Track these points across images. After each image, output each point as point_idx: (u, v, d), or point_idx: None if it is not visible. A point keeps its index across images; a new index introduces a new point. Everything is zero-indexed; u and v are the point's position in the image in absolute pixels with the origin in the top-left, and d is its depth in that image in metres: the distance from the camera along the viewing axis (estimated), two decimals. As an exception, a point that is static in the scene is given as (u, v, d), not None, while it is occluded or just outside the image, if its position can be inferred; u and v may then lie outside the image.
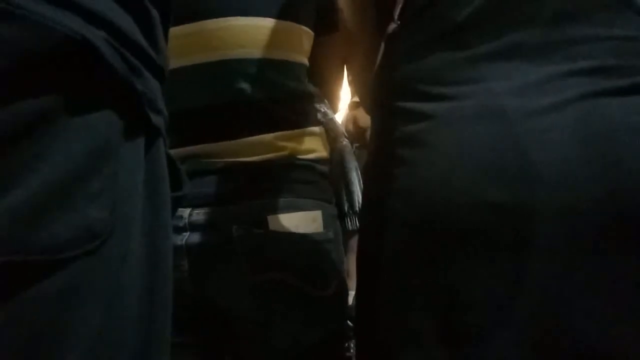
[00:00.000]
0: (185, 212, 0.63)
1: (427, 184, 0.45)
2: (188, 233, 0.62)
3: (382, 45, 0.54)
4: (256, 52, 0.64)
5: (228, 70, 0.63)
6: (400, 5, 0.51)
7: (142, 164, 0.35)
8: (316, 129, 0.70)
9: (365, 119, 1.40)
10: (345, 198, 1.60)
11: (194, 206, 0.63)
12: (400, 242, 0.48)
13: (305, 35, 0.68)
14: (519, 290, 0.41)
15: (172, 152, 0.65)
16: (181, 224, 0.63)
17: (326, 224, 0.66)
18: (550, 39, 0.44)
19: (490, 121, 0.43)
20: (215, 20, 0.62)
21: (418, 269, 0.46)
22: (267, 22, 0.64)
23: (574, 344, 0.41)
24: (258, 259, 0.62)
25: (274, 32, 0.64)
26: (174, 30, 0.59)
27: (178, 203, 0.41)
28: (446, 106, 0.45)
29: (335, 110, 1.07)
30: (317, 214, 0.65)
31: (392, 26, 0.52)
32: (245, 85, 0.64)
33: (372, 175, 0.54)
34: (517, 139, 0.41)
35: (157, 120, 0.36)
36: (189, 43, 0.63)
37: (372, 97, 0.57)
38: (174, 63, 0.61)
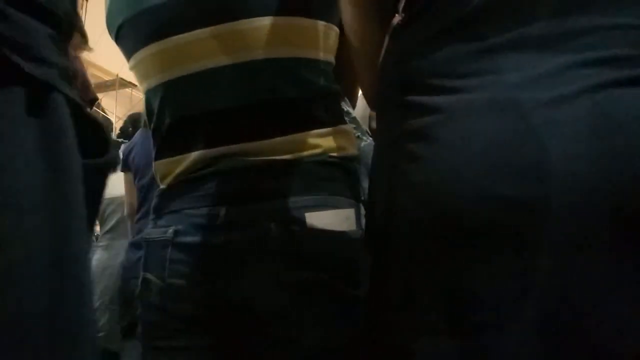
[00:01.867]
0: (221, 210, 0.63)
1: (437, 178, 0.44)
2: (225, 231, 0.63)
3: (387, 39, 0.53)
4: (290, 51, 0.64)
5: (263, 69, 0.64)
6: (404, -2, 0.50)
7: (27, 127, 0.29)
8: (346, 126, 0.71)
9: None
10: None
11: (230, 204, 0.63)
12: (408, 238, 0.47)
13: (333, 34, 0.69)
14: (530, 287, 0.41)
15: (208, 152, 0.66)
16: (218, 222, 0.63)
17: (358, 222, 0.66)
18: (560, 29, 0.43)
19: (502, 113, 0.42)
20: (248, 20, 0.62)
21: (427, 264, 0.46)
22: (300, 21, 0.64)
23: (587, 342, 0.40)
24: (295, 255, 0.62)
25: (307, 31, 0.65)
26: (207, 31, 0.63)
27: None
28: (456, 99, 0.45)
29: (353, 108, 1.07)
30: (350, 212, 0.66)
31: (397, 19, 0.51)
32: (279, 84, 0.65)
33: (380, 170, 0.54)
34: (531, 132, 0.40)
35: (42, 72, 0.30)
36: (222, 43, 0.63)
37: (378, 92, 0.56)
38: (207, 63, 0.64)
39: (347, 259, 0.64)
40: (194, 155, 0.66)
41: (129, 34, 0.68)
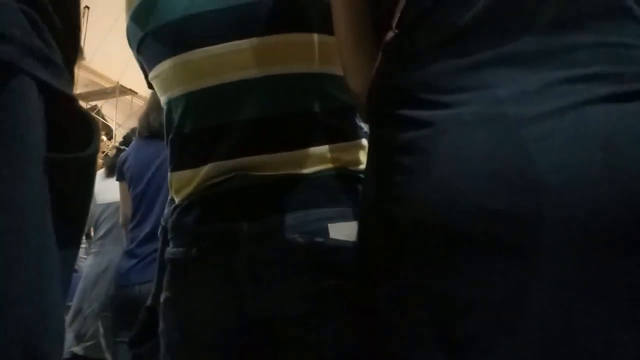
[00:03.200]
0: (244, 225, 0.64)
1: (428, 191, 0.44)
2: (249, 246, 0.63)
3: (380, 54, 0.54)
4: (314, 67, 0.66)
5: (287, 83, 0.65)
6: (398, 14, 0.51)
7: None
8: (364, 141, 0.72)
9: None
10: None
11: (253, 219, 0.64)
12: (399, 249, 0.47)
13: None
14: (524, 300, 0.41)
15: (225, 163, 0.64)
16: (241, 238, 0.64)
17: None
18: (548, 46, 0.44)
19: (491, 127, 0.43)
20: (274, 35, 0.64)
21: (417, 276, 0.46)
22: (322, 38, 0.66)
23: (580, 355, 0.40)
24: (319, 265, 0.63)
25: (329, 47, 0.66)
26: (233, 45, 0.64)
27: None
28: (446, 113, 0.45)
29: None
30: None
31: (390, 35, 0.52)
32: (304, 99, 0.66)
33: (371, 182, 0.54)
34: (519, 145, 0.41)
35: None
36: (247, 57, 0.64)
37: (371, 106, 0.57)
38: (232, 76, 0.64)
39: None
40: (210, 166, 0.66)
41: (152, 45, 0.69)
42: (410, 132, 0.47)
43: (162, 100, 0.73)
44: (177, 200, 0.72)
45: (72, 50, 0.35)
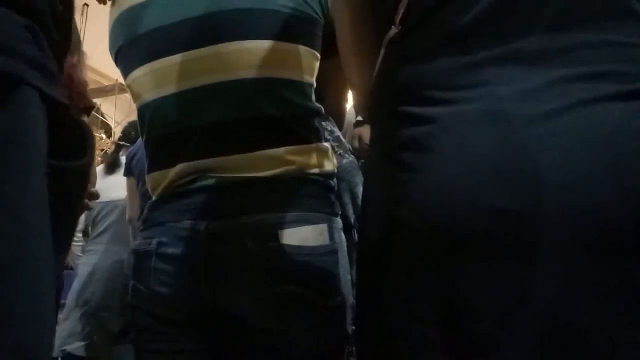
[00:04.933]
0: (202, 224, 0.67)
1: (431, 188, 0.44)
2: (206, 244, 0.66)
3: (382, 50, 0.54)
4: (273, 72, 0.69)
5: (246, 88, 0.68)
6: (401, 11, 0.51)
7: None
8: (324, 144, 0.75)
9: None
10: (352, 211, 1.62)
11: (211, 219, 0.67)
12: (403, 247, 0.47)
13: (313, 57, 0.75)
14: (526, 298, 0.41)
15: (190, 164, 0.69)
16: (199, 236, 0.67)
17: (332, 236, 0.70)
18: (550, 44, 0.44)
19: (493, 125, 0.42)
20: (230, 43, 0.67)
21: (421, 275, 0.46)
22: (284, 46, 0.69)
23: (583, 353, 0.40)
24: (272, 270, 0.66)
25: (290, 54, 0.70)
26: (196, 52, 0.68)
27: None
28: (449, 110, 0.45)
29: (340, 128, 1.11)
30: (324, 227, 0.69)
31: (393, 31, 0.52)
32: (262, 103, 0.69)
33: (373, 179, 0.54)
34: (522, 144, 0.41)
35: (4, 63, 0.27)
36: (209, 64, 0.68)
37: (372, 102, 0.57)
38: (195, 82, 0.69)
39: (321, 272, 0.68)
40: (177, 167, 0.70)
41: (126, 55, 0.74)
42: (412, 129, 0.47)
43: (135, 106, 0.78)
44: (153, 198, 0.77)
45: (63, 60, 0.37)
